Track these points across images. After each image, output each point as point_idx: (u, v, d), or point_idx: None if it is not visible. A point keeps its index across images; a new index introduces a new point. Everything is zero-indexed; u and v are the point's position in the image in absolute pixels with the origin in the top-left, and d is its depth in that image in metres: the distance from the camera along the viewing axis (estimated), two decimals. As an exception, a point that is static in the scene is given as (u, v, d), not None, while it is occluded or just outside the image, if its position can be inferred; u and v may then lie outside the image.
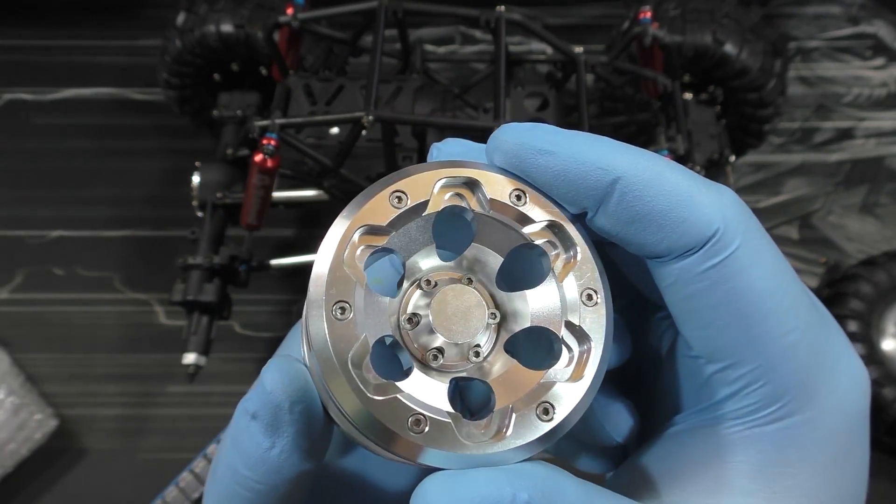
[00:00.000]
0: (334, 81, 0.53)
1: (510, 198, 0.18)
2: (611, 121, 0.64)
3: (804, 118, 0.77)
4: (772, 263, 0.18)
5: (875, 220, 0.71)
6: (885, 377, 0.55)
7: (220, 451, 0.20)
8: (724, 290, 0.18)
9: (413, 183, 0.17)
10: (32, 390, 0.59)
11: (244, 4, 0.59)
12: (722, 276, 0.18)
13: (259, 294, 0.64)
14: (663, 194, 0.18)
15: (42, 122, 0.75)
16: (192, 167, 0.57)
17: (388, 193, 0.17)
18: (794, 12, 0.84)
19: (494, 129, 0.37)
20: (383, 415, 0.16)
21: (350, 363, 0.16)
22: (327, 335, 0.16)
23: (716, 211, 0.18)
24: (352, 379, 0.16)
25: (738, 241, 0.18)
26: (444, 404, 0.17)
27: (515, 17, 0.50)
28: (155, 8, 0.82)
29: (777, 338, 0.18)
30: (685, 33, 0.58)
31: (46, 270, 0.66)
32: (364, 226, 0.17)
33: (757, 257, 0.18)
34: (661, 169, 0.18)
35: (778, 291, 0.18)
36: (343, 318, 0.16)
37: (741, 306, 0.18)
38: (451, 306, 0.17)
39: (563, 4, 0.83)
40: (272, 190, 0.48)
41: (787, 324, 0.18)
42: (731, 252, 0.18)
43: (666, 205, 0.18)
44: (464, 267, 0.19)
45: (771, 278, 0.18)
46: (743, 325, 0.18)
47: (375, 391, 0.16)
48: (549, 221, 0.18)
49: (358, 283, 0.16)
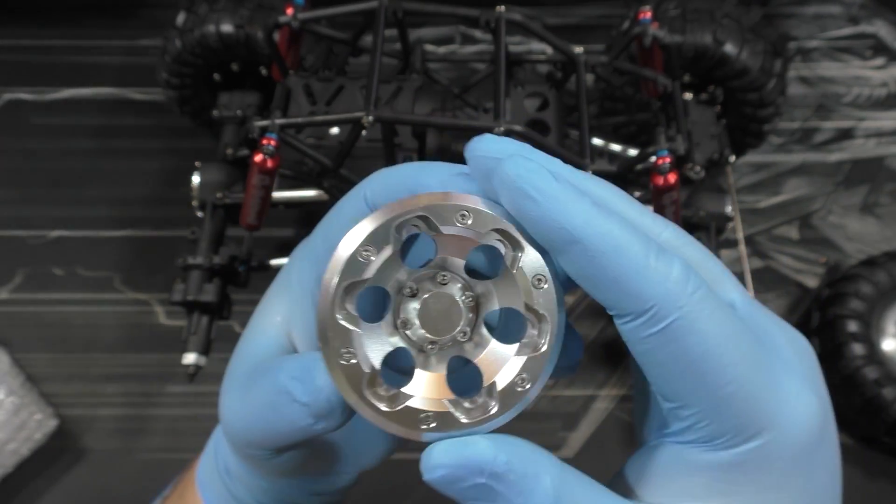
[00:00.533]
0: (334, 81, 0.53)
1: (533, 276, 0.22)
2: (611, 121, 0.64)
3: (804, 118, 0.77)
4: (712, 327, 0.21)
5: (875, 220, 0.71)
6: (885, 377, 0.55)
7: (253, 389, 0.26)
8: (665, 352, 0.21)
9: (374, 234, 0.21)
10: (32, 390, 0.59)
11: (244, 4, 0.59)
12: (661, 341, 0.21)
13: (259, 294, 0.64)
14: (614, 266, 0.21)
15: (42, 122, 0.75)
16: (191, 167, 0.57)
17: (358, 254, 0.21)
18: (793, 12, 0.84)
19: (494, 129, 0.38)
20: (398, 421, 0.21)
21: (365, 392, 0.21)
22: (344, 260, 0.21)
23: (657, 287, 0.21)
24: (369, 404, 0.21)
25: (675, 314, 0.21)
26: (444, 392, 0.22)
27: (515, 17, 0.50)
28: (155, 8, 0.81)
29: (715, 390, 0.21)
30: (685, 33, 0.58)
31: (46, 270, 0.66)
32: (346, 283, 0.21)
33: (694, 326, 0.21)
34: (619, 241, 0.21)
35: (716, 351, 0.21)
36: (364, 258, 0.21)
37: (682, 366, 0.21)
38: (433, 310, 0.22)
39: (563, 4, 0.83)
40: (272, 190, 0.48)
41: (724, 378, 0.21)
42: (668, 324, 0.21)
43: (613, 275, 0.21)
44: (475, 290, 0.22)
45: (709, 341, 0.21)
46: (685, 379, 0.22)
47: (389, 403, 0.21)
48: (495, 229, 0.21)
49: (390, 245, 0.21)
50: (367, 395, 0.21)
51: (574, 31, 0.81)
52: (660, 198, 0.47)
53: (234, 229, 0.57)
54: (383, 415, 0.21)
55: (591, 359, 0.63)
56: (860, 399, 0.55)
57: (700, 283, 0.21)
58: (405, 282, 0.22)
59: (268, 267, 0.57)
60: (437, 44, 0.80)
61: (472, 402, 0.22)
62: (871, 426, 0.56)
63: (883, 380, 0.55)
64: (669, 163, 0.45)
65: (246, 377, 0.27)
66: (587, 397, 0.62)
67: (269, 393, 0.24)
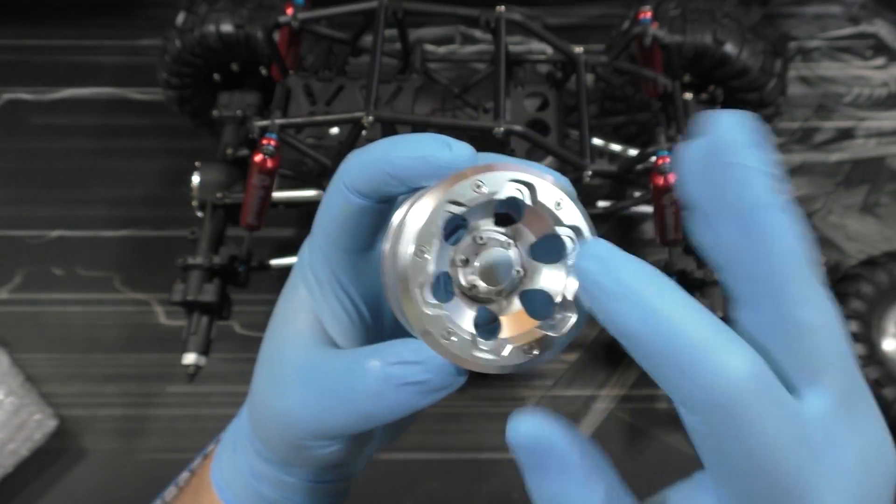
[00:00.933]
0: (334, 81, 0.53)
1: (553, 203, 0.25)
2: (611, 121, 0.64)
3: (804, 118, 0.77)
4: (762, 427, 0.20)
5: (876, 220, 0.71)
6: (885, 377, 0.55)
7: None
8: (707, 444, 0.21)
9: (421, 236, 0.24)
10: (32, 390, 0.59)
11: (244, 4, 0.59)
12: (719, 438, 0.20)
13: (259, 294, 0.64)
14: (669, 358, 0.20)
15: (41, 122, 0.75)
16: (191, 167, 0.57)
17: (417, 256, 0.24)
18: (794, 12, 0.84)
19: (494, 129, 0.40)
20: (429, 323, 0.25)
21: (417, 287, 0.24)
22: (409, 268, 0.24)
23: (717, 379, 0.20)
24: (416, 297, 0.25)
25: (720, 412, 0.20)
26: (528, 323, 0.25)
27: (515, 17, 0.50)
28: (154, 8, 0.81)
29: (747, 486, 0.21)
30: (685, 33, 0.58)
31: (46, 270, 0.66)
32: (450, 202, 0.24)
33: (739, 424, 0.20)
34: (676, 328, 0.20)
35: (757, 452, 0.20)
36: (421, 258, 0.24)
37: (739, 465, 0.20)
38: (488, 268, 0.26)
39: (563, 4, 0.83)
40: (272, 190, 0.48)
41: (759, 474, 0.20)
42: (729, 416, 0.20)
43: (670, 369, 0.20)
44: (508, 234, 0.26)
45: (750, 441, 0.20)
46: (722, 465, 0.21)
47: (495, 352, 0.25)
48: (573, 226, 0.25)
49: (436, 237, 0.24)
50: (478, 356, 0.25)
51: (574, 31, 0.81)
52: (660, 198, 0.47)
53: (234, 229, 0.57)
54: (498, 363, 0.25)
55: (592, 359, 0.63)
56: (860, 399, 0.55)
57: (764, 384, 0.20)
58: (454, 257, 0.26)
59: (268, 267, 0.57)
60: (437, 44, 0.80)
61: (554, 320, 0.25)
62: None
63: (883, 380, 0.55)
64: (670, 163, 0.45)
65: (308, 371, 0.28)
66: (587, 397, 0.62)
67: (365, 382, 0.26)
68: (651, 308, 0.20)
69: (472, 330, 0.25)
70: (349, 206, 0.26)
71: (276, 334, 0.31)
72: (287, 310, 0.31)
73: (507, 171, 0.25)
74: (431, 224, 0.24)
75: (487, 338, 0.25)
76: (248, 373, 0.66)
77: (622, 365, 0.63)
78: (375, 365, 0.26)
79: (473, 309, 0.26)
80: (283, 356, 0.30)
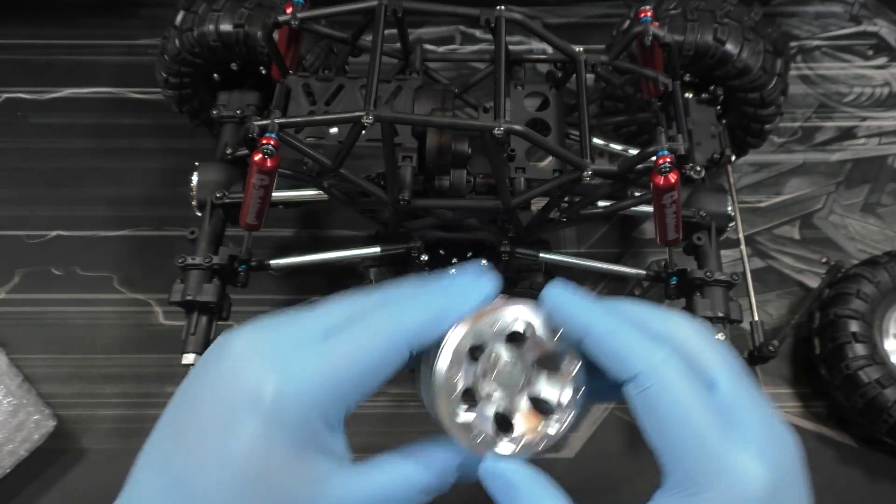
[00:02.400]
0: (334, 81, 0.53)
1: (549, 332, 0.33)
2: (611, 120, 0.64)
3: (805, 117, 0.76)
4: (680, 396, 0.30)
5: (877, 219, 0.70)
6: (887, 377, 0.55)
7: None
8: (645, 410, 0.30)
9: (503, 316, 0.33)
10: (30, 391, 0.59)
11: (243, 3, 0.58)
12: (643, 401, 0.30)
13: (259, 294, 0.64)
14: (611, 353, 0.31)
15: (40, 122, 0.75)
16: (191, 167, 0.57)
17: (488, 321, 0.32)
18: (795, 11, 0.83)
19: (494, 128, 0.41)
20: (526, 452, 0.32)
21: (450, 401, 0.31)
22: (443, 387, 0.31)
23: (644, 362, 0.30)
24: (451, 409, 0.31)
25: (652, 381, 0.30)
26: (537, 418, 0.33)
27: (515, 16, 0.50)
28: (154, 7, 0.81)
29: (678, 443, 0.29)
30: (686, 32, 0.57)
31: (44, 270, 0.66)
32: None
33: (665, 392, 0.30)
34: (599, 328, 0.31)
35: (680, 414, 0.29)
36: (452, 381, 0.31)
37: (656, 421, 0.30)
38: (502, 380, 0.33)
39: (564, 4, 0.82)
40: (272, 190, 0.48)
41: (685, 434, 0.29)
42: (646, 388, 0.30)
43: (611, 359, 0.31)
44: (517, 353, 0.33)
45: (676, 405, 0.29)
46: (660, 432, 0.30)
47: (513, 446, 0.32)
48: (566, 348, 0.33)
49: (463, 362, 0.32)
50: (497, 451, 0.32)
51: (574, 31, 0.81)
52: (660, 198, 0.46)
53: (234, 229, 0.57)
54: (514, 453, 0.32)
55: (592, 359, 0.63)
56: (862, 399, 0.55)
57: (678, 365, 0.30)
58: (477, 373, 0.32)
59: (268, 267, 0.57)
60: (437, 43, 0.80)
61: (554, 418, 0.33)
62: (873, 427, 0.56)
63: (885, 380, 0.54)
64: (670, 162, 0.45)
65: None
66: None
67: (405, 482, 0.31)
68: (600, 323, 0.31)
69: (492, 430, 0.32)
70: (400, 360, 0.30)
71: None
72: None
73: (516, 309, 0.33)
74: (459, 355, 0.31)
75: (505, 434, 0.32)
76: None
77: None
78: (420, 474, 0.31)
79: (493, 413, 0.32)
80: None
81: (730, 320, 0.53)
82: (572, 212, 0.53)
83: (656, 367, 0.30)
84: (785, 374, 0.63)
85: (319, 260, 0.58)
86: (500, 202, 0.50)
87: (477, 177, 0.52)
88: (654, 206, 0.48)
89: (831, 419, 0.61)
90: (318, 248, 0.59)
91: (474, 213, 0.53)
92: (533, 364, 0.33)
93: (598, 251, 0.68)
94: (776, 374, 0.63)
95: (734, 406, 0.30)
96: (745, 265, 0.59)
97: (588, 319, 0.31)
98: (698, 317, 0.53)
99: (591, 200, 0.51)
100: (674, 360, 0.30)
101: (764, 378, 0.62)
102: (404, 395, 0.52)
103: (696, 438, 0.29)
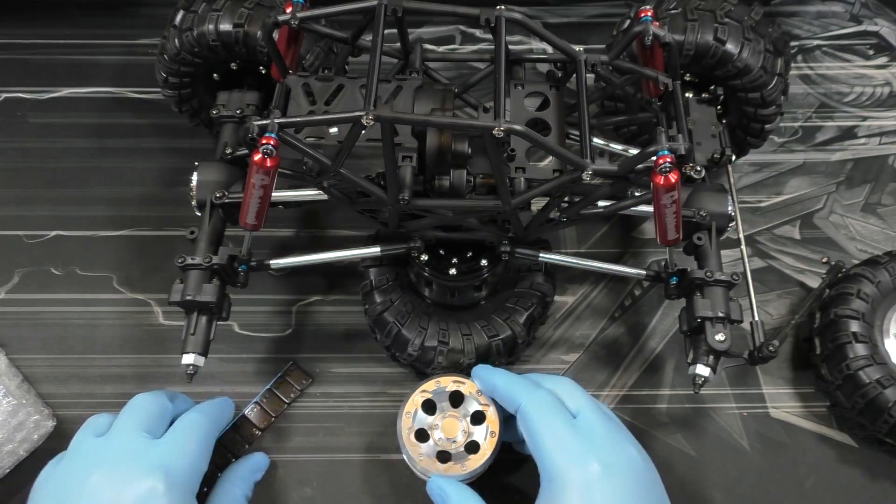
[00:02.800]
0: (334, 81, 0.53)
1: (476, 393, 0.52)
2: (611, 120, 0.64)
3: (806, 117, 0.76)
4: (542, 419, 0.46)
5: (877, 219, 0.70)
6: (887, 377, 0.54)
7: None
8: (524, 428, 0.47)
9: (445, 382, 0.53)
10: (30, 391, 0.59)
11: (243, 3, 0.58)
12: (522, 422, 0.47)
13: (259, 294, 0.64)
14: (506, 395, 0.49)
15: (39, 121, 0.75)
16: (190, 166, 0.57)
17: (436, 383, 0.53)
18: (795, 11, 0.83)
19: (494, 128, 0.41)
20: (416, 454, 0.51)
21: (410, 438, 0.51)
22: (404, 430, 0.51)
23: (523, 399, 0.48)
24: (410, 442, 0.51)
25: (525, 408, 0.47)
26: (434, 457, 0.51)
27: (515, 16, 0.50)
28: (153, 6, 0.81)
29: (537, 450, 0.46)
30: (686, 32, 0.57)
31: (44, 270, 0.66)
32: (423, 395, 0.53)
33: (531, 416, 0.47)
34: (500, 383, 0.50)
35: (540, 429, 0.46)
36: (409, 426, 0.52)
37: (529, 436, 0.47)
38: (447, 428, 0.51)
39: (564, 3, 0.82)
40: (272, 190, 0.48)
41: (542, 443, 0.46)
42: (520, 412, 0.48)
43: (506, 400, 0.50)
44: (457, 409, 0.52)
45: (537, 425, 0.46)
46: (531, 443, 0.46)
47: (414, 448, 0.51)
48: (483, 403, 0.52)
49: (418, 412, 0.52)
50: (435, 469, 0.50)
51: (574, 30, 0.81)
52: (660, 197, 0.46)
53: (234, 229, 0.57)
54: (446, 473, 0.50)
55: (592, 359, 0.63)
56: (862, 399, 0.55)
57: (550, 399, 0.47)
58: (430, 421, 0.52)
59: (267, 267, 0.57)
60: (437, 43, 0.80)
61: (479, 453, 0.50)
62: (874, 427, 0.56)
63: (885, 380, 0.54)
64: (670, 162, 0.45)
65: None
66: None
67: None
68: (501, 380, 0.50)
69: (436, 459, 0.50)
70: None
71: None
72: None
73: (458, 381, 0.52)
74: (415, 407, 0.51)
75: (444, 463, 0.50)
76: (248, 373, 0.66)
77: (622, 365, 0.63)
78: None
79: (436, 449, 0.51)
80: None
81: (730, 320, 0.53)
82: (572, 212, 0.52)
83: (534, 399, 0.47)
84: (785, 374, 0.63)
85: (319, 260, 0.58)
86: (499, 202, 0.50)
87: (477, 177, 0.52)
88: (654, 206, 0.48)
89: (831, 419, 0.60)
90: (318, 248, 0.59)
91: (474, 213, 0.53)
92: (466, 416, 0.51)
93: (598, 251, 0.68)
94: (776, 374, 0.63)
95: (590, 429, 0.45)
96: (745, 265, 0.59)
97: (496, 380, 0.50)
98: (698, 317, 0.53)
99: (591, 200, 0.51)
100: (548, 396, 0.47)
101: (764, 378, 0.62)
102: (404, 396, 0.52)
103: (559, 446, 0.44)
